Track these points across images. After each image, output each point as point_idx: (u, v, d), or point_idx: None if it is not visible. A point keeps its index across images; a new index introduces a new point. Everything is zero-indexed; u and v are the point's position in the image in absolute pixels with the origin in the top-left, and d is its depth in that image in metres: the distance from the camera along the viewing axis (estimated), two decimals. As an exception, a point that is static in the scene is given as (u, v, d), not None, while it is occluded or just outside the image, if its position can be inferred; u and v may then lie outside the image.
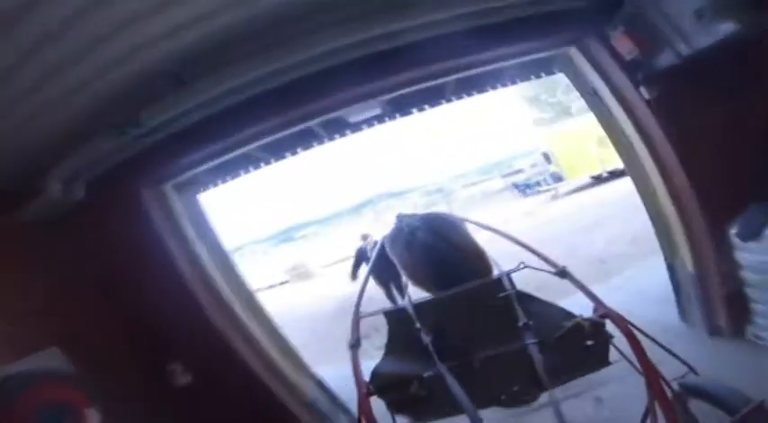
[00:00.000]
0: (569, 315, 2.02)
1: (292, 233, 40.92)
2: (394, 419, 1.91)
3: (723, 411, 1.70)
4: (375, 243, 5.35)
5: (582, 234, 10.02)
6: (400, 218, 3.47)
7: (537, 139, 24.84)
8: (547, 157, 20.04)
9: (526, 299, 2.26)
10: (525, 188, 23.53)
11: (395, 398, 1.92)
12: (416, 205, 33.29)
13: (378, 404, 1.85)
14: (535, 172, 22.99)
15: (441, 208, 27.72)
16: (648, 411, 1.75)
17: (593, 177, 18.31)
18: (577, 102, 29.61)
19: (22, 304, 3.00)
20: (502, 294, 2.24)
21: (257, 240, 38.54)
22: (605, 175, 17.40)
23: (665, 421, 1.57)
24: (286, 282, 21.00)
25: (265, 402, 3.78)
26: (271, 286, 20.69)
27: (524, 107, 31.74)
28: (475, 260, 2.77)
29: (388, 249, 3.46)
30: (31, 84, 2.47)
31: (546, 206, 17.95)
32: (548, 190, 20.35)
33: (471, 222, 3.64)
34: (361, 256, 7.35)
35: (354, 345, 2.20)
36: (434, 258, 2.73)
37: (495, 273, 2.55)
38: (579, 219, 12.20)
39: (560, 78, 5.06)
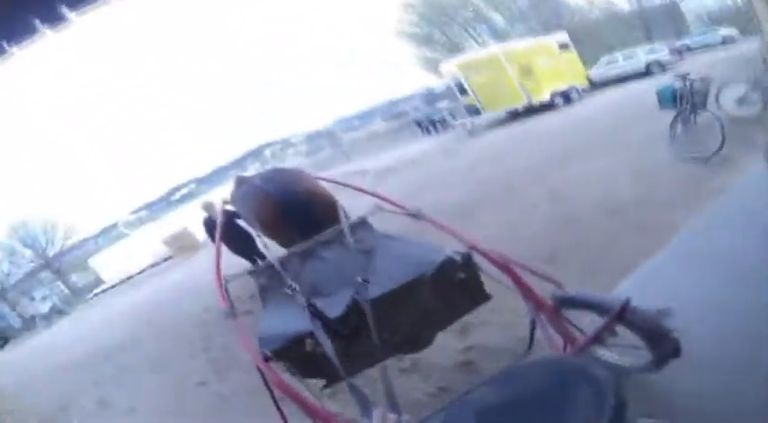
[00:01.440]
0: (437, 251, 2.14)
1: (169, 198, 38.25)
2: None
3: (596, 314, 1.91)
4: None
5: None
6: (241, 179, 3.69)
7: (426, 79, 26.65)
8: (460, 88, 18.13)
9: (388, 241, 2.51)
10: (429, 125, 22.36)
11: (296, 360, 1.93)
12: (303, 152, 34.48)
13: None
14: (425, 112, 23.25)
15: (327, 153, 29.37)
16: (534, 323, 1.98)
17: (509, 112, 17.03)
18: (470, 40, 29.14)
19: None
20: (359, 238, 2.48)
21: (134, 212, 36.52)
22: (521, 110, 16.37)
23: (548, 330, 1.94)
24: (170, 258, 19.11)
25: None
26: (154, 264, 19.73)
27: (411, 47, 31.76)
28: (330, 204, 3.01)
29: (240, 212, 3.68)
30: None
31: (463, 143, 15.84)
32: (461, 125, 18.42)
33: (319, 178, 3.77)
34: (212, 227, 6.65)
35: (230, 313, 2.17)
36: (291, 206, 2.95)
37: (352, 218, 2.69)
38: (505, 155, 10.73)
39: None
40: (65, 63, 47.61)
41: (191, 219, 13.33)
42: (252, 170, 32.20)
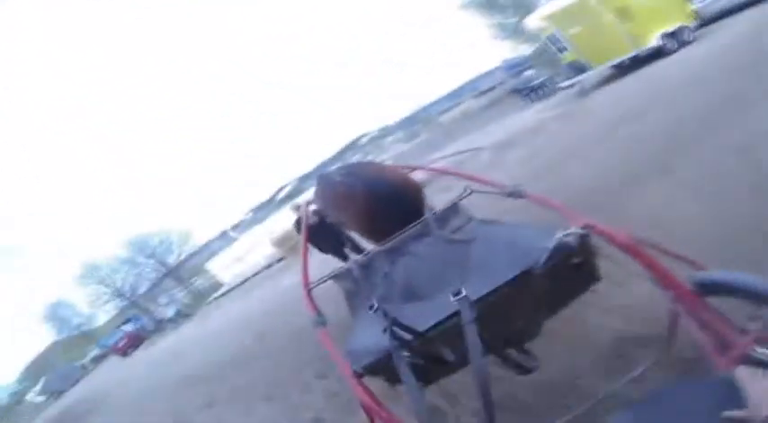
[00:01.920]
0: (547, 234, 1.79)
1: (274, 198, 37.74)
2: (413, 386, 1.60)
3: (750, 302, 1.49)
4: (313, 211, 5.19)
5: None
6: (323, 176, 3.54)
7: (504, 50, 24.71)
8: (555, 43, 15.61)
9: (487, 228, 2.25)
10: (530, 93, 19.67)
11: (389, 373, 1.77)
12: (401, 139, 34.11)
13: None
14: (522, 81, 21.17)
15: (425, 137, 28.18)
16: (675, 317, 1.68)
17: (616, 66, 13.90)
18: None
19: None
20: (453, 227, 2.26)
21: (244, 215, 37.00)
22: (628, 61, 13.37)
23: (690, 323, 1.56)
24: (282, 259, 18.03)
25: None
26: (268, 266, 19.31)
27: (482, 18, 29.17)
28: (416, 192, 2.95)
29: (325, 210, 3.59)
30: None
31: (579, 105, 12.84)
32: (570, 87, 15.53)
33: (400, 166, 3.78)
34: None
35: (318, 322, 2.03)
36: (375, 199, 2.85)
37: (441, 206, 2.46)
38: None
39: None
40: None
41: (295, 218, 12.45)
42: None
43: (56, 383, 39.38)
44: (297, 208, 6.86)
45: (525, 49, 25.02)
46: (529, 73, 21.72)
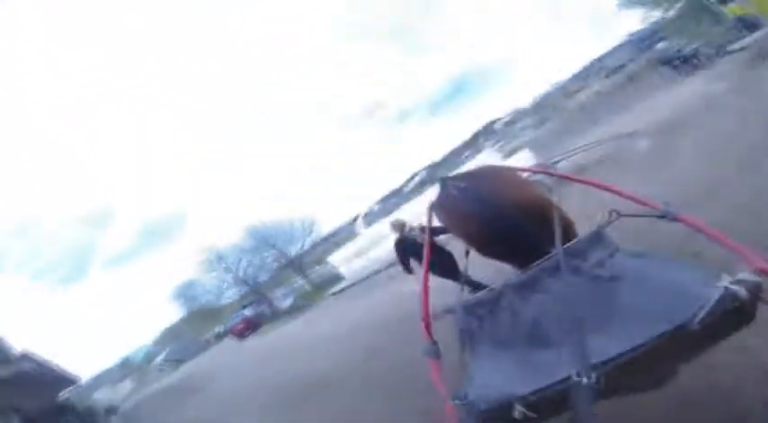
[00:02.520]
0: (708, 280, 1.52)
1: (402, 189, 35.85)
2: None
3: None
4: (419, 229, 5.26)
5: None
6: (444, 181, 3.22)
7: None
8: None
9: (634, 263, 1.86)
10: (681, 63, 16.09)
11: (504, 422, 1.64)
12: (531, 124, 31.35)
13: None
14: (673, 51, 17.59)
15: (554, 124, 25.80)
16: None
17: None
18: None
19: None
20: (598, 260, 1.91)
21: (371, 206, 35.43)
22: None
23: None
24: None
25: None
26: (393, 264, 16.80)
27: None
28: (545, 211, 2.55)
29: (443, 224, 3.41)
30: None
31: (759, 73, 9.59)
32: (741, 50, 12.13)
33: (522, 169, 3.74)
34: (405, 251, 5.72)
35: (431, 351, 1.99)
36: (497, 221, 2.49)
37: (583, 233, 2.21)
38: None
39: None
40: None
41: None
42: (487, 149, 31.67)
43: (178, 353, 42.81)
44: (400, 226, 5.92)
45: (653, 18, 21.52)
46: (662, 45, 18.62)
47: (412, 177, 36.18)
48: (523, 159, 12.34)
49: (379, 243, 20.11)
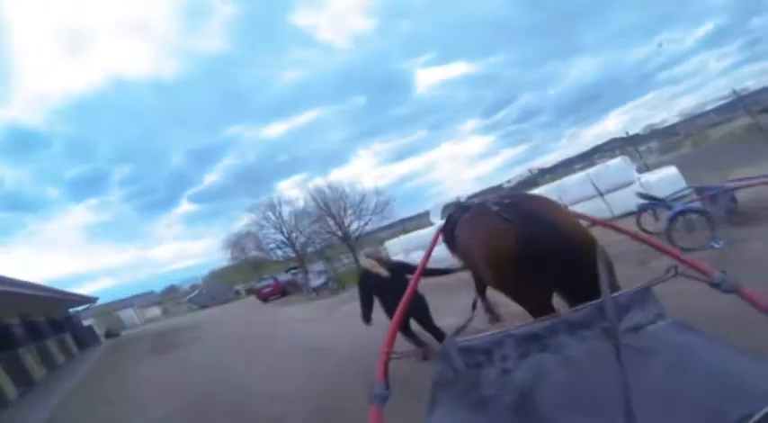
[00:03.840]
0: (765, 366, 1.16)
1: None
2: None
3: None
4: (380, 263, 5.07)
5: None
6: (466, 205, 3.30)
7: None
8: None
9: (683, 336, 1.39)
10: None
11: None
12: (654, 150, 28.59)
13: None
14: None
15: (689, 151, 23.64)
16: None
17: None
18: None
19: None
20: (637, 324, 1.45)
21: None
22: None
23: None
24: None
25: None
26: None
27: None
28: (591, 253, 1.98)
29: (461, 243, 3.04)
30: None
31: None
32: None
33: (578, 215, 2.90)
34: (370, 286, 5.09)
35: (379, 393, 1.55)
36: (540, 245, 2.24)
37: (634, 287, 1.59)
38: None
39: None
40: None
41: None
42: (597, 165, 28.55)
43: (203, 298, 43.86)
44: (371, 256, 5.57)
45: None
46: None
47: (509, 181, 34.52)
48: (668, 175, 10.27)
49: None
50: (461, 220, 3.09)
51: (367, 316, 5.14)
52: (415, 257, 16.43)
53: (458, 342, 1.58)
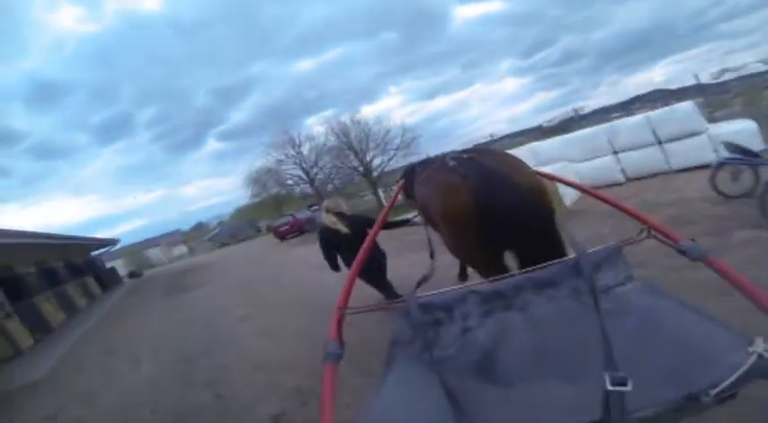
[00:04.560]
0: (738, 342, 1.13)
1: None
2: None
3: None
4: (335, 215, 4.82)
5: None
6: (426, 161, 3.27)
7: None
8: None
9: (652, 301, 1.41)
10: None
11: None
12: (701, 106, 24.96)
13: None
14: None
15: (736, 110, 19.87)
16: None
17: None
18: None
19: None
20: (606, 286, 1.46)
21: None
22: None
23: None
24: None
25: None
26: None
27: None
28: (551, 211, 2.22)
29: (419, 203, 2.97)
30: None
31: None
32: None
33: (539, 173, 2.76)
34: (329, 241, 4.90)
35: (334, 355, 1.48)
36: (496, 201, 2.14)
37: (597, 247, 1.57)
38: None
39: None
40: None
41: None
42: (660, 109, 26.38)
43: (224, 236, 44.37)
44: (331, 209, 5.02)
45: None
46: None
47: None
48: (745, 129, 8.64)
49: None
50: (420, 175, 3.05)
51: (334, 268, 4.98)
52: None
53: (416, 298, 1.50)
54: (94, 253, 26.72)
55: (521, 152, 12.32)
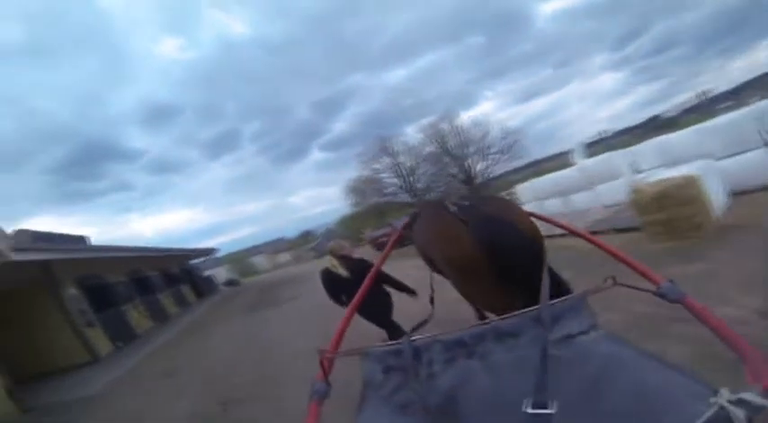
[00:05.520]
0: (699, 392, 1.09)
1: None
2: None
3: None
4: (339, 259, 4.80)
5: None
6: (428, 205, 3.20)
7: None
8: None
9: (612, 349, 1.35)
10: None
11: None
12: None
13: None
14: None
15: None
16: None
17: None
18: None
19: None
20: (568, 333, 1.41)
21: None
22: None
23: None
24: None
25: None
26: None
27: None
28: (542, 259, 2.10)
29: (422, 247, 3.03)
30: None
31: None
32: None
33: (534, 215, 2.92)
34: (334, 285, 4.83)
35: (318, 390, 1.55)
36: (500, 250, 2.31)
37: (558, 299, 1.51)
38: None
39: None
40: None
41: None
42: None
43: (322, 247, 44.69)
44: (335, 251, 4.94)
45: None
46: None
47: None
48: None
49: (600, 179, 11.89)
50: (420, 218, 3.15)
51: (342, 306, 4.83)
52: (549, 206, 13.35)
53: (395, 345, 1.57)
54: (194, 261, 27.44)
55: (648, 148, 10.42)
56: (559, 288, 2.17)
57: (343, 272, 4.68)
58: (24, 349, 11.88)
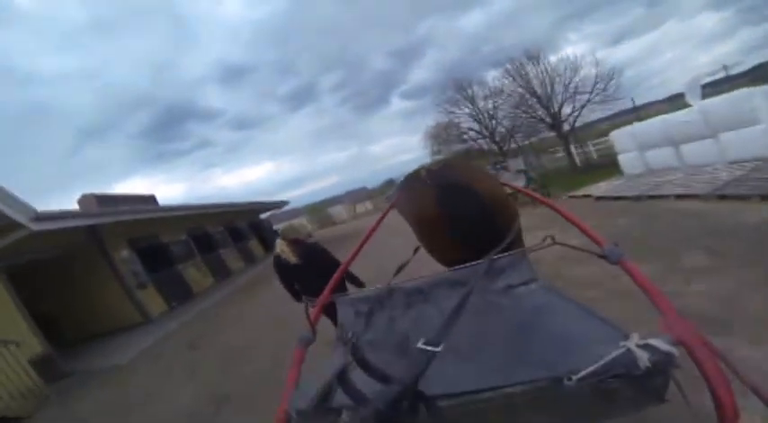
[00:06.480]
0: (613, 337, 1.20)
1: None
2: None
3: None
4: (288, 245, 4.46)
5: None
6: (411, 175, 3.16)
7: None
8: None
9: (548, 299, 1.68)
10: None
11: None
12: None
13: None
14: None
15: None
16: None
17: None
18: None
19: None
20: (505, 285, 1.81)
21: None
22: None
23: None
24: None
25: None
26: None
27: None
28: (509, 218, 2.58)
29: (403, 215, 3.13)
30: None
31: None
32: None
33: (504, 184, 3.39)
34: (287, 272, 4.46)
35: (306, 338, 1.79)
36: (455, 208, 2.49)
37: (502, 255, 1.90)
38: None
39: None
40: None
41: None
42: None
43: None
44: (288, 234, 4.52)
45: None
46: None
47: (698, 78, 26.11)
48: None
49: (726, 125, 9.18)
50: (400, 189, 3.30)
51: (295, 297, 4.57)
52: (654, 158, 11.38)
53: (364, 293, 2.06)
54: (269, 213, 27.58)
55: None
56: (514, 246, 2.22)
57: (292, 258, 4.33)
58: (80, 312, 12.48)
